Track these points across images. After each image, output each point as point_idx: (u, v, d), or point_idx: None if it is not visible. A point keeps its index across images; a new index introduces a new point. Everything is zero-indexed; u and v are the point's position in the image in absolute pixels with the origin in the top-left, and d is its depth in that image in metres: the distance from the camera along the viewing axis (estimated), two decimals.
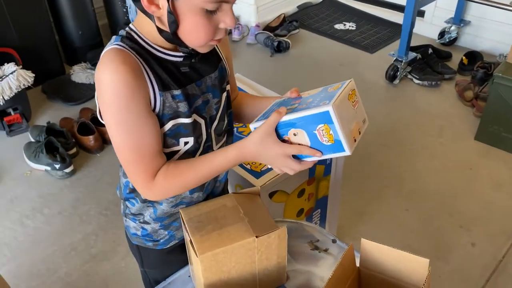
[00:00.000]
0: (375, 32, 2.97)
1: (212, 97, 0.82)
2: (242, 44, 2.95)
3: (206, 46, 0.74)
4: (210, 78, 0.81)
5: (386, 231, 1.68)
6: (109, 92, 0.70)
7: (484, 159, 1.98)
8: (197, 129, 0.80)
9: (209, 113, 0.82)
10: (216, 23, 0.70)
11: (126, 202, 0.89)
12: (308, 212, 1.33)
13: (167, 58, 0.75)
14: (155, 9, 0.68)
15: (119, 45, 0.72)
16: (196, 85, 0.78)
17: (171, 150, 0.80)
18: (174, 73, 0.76)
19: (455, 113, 2.26)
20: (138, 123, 0.72)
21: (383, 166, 1.96)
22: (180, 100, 0.76)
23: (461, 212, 1.74)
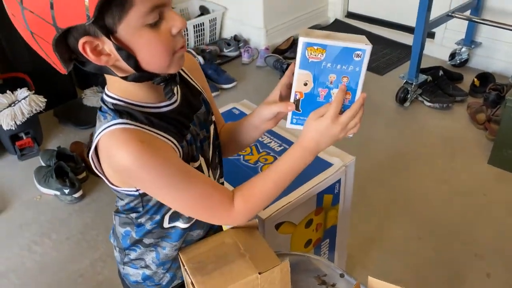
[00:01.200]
0: (385, 54, 2.97)
1: (205, 132, 0.81)
2: (252, 67, 2.96)
3: (174, 62, 0.68)
4: (200, 114, 0.80)
5: (398, 259, 1.64)
6: (144, 171, 0.67)
7: (498, 184, 1.93)
8: (202, 169, 0.80)
9: (207, 150, 0.82)
10: (167, 32, 0.64)
11: (126, 251, 0.88)
12: (316, 243, 1.30)
13: (162, 111, 0.73)
14: (107, 58, 0.64)
15: (120, 123, 0.68)
16: (193, 125, 0.78)
17: None
18: (177, 120, 0.75)
19: (467, 136, 2.23)
20: (186, 176, 0.71)
21: (394, 191, 1.93)
22: (192, 143, 0.76)
23: (475, 240, 1.69)
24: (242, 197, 0.76)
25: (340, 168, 1.23)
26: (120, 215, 0.83)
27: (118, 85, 0.70)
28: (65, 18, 0.58)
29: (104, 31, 0.60)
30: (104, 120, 0.69)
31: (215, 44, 3.10)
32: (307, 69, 0.74)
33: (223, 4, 3.17)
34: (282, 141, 1.34)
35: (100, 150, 0.70)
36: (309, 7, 3.25)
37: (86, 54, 0.62)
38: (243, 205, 0.76)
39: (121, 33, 0.62)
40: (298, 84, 0.76)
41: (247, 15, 3.07)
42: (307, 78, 0.75)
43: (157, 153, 0.68)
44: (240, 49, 3.05)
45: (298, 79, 0.75)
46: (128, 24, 0.61)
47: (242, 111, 1.50)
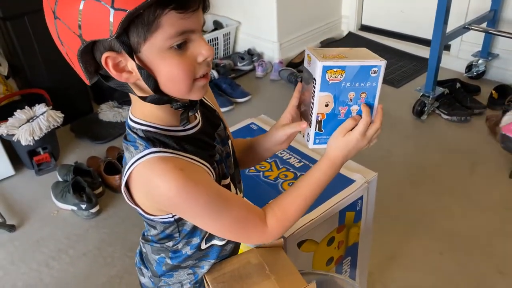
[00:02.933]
0: (400, 66, 2.95)
1: (228, 148, 0.83)
2: (266, 81, 2.96)
3: (195, 89, 0.67)
4: (220, 131, 0.81)
5: (419, 276, 1.60)
6: (188, 200, 0.67)
7: None
8: (230, 186, 0.80)
9: (231, 166, 0.83)
10: (192, 58, 0.64)
11: (162, 277, 0.87)
12: (338, 261, 1.27)
13: (189, 134, 0.74)
14: (128, 75, 0.64)
15: (155, 152, 0.67)
16: (217, 143, 0.79)
17: None
18: (204, 141, 0.75)
19: (487, 149, 2.19)
20: (223, 199, 0.72)
21: (414, 206, 1.89)
22: (220, 163, 0.76)
23: (498, 256, 1.64)
24: (274, 215, 0.77)
25: (363, 184, 1.20)
26: (153, 245, 0.82)
27: (143, 109, 0.70)
28: (90, 31, 0.59)
29: (127, 48, 0.61)
30: (135, 150, 0.68)
31: (229, 58, 3.12)
32: (327, 91, 0.76)
33: (237, 19, 3.19)
34: (302, 157, 1.32)
35: (135, 180, 0.69)
36: (322, 20, 3.26)
37: (108, 69, 0.63)
38: (276, 223, 0.76)
39: (145, 53, 0.62)
40: (320, 106, 0.78)
41: (261, 29, 3.09)
42: (328, 99, 0.77)
43: (198, 181, 0.68)
44: (254, 63, 3.06)
45: (319, 102, 0.77)
46: (153, 44, 0.61)
47: (260, 126, 1.49)
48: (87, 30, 0.59)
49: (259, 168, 1.29)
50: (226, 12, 3.23)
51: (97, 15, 0.57)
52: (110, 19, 0.56)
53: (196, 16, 0.62)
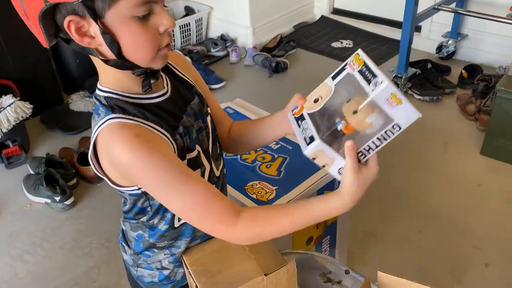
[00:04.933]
0: (373, 48, 2.97)
1: (202, 123, 0.80)
2: (240, 66, 2.94)
3: (158, 59, 0.68)
4: (194, 105, 0.79)
5: (398, 253, 1.63)
6: (140, 168, 0.66)
7: (492, 174, 1.94)
8: (199, 160, 0.78)
9: (204, 140, 0.80)
10: (154, 28, 0.65)
11: (140, 254, 0.85)
12: (317, 240, 1.28)
13: (154, 102, 0.73)
14: (90, 40, 0.64)
15: (113, 118, 0.67)
16: (187, 116, 0.76)
17: None
18: (169, 112, 0.73)
19: (458, 128, 2.24)
20: (184, 175, 0.68)
21: (391, 185, 1.92)
22: (185, 134, 0.74)
23: (473, 231, 1.69)
24: (251, 220, 0.71)
25: None
26: (130, 221, 0.81)
27: (107, 77, 0.70)
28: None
29: (92, 13, 0.61)
30: (98, 118, 0.69)
31: (202, 44, 3.07)
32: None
33: (208, 4, 3.14)
34: (280, 139, 1.32)
35: (99, 148, 0.69)
36: (295, 4, 3.24)
37: (70, 33, 0.63)
38: (247, 229, 0.71)
39: (109, 19, 0.62)
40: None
41: (233, 15, 3.05)
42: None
43: (154, 148, 0.66)
44: (228, 49, 3.02)
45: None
46: (117, 11, 0.62)
47: (236, 110, 1.48)
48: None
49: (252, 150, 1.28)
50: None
51: None
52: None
53: None
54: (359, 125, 0.65)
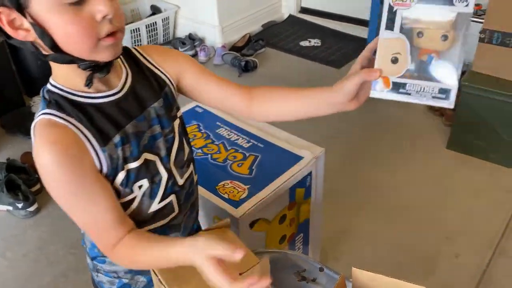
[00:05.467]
0: (340, 47, 3.00)
1: (162, 128, 0.74)
2: (209, 66, 2.90)
3: (100, 50, 0.63)
4: (154, 108, 0.73)
5: (370, 248, 1.64)
6: (49, 178, 0.65)
7: (459, 168, 1.99)
8: (151, 168, 0.73)
9: (162, 147, 0.75)
10: (89, 16, 0.60)
11: (95, 261, 0.82)
12: (290, 238, 1.27)
13: (100, 102, 0.68)
14: (25, 34, 0.61)
15: (46, 113, 0.64)
16: (138, 121, 0.71)
17: (124, 200, 0.72)
18: (112, 115, 0.68)
19: (426, 123, 2.28)
20: (89, 199, 0.67)
21: (361, 181, 1.94)
22: (124, 144, 0.69)
23: (443, 223, 1.73)
24: (128, 245, 0.70)
25: (311, 160, 1.21)
26: None
27: (55, 70, 0.67)
28: None
29: (15, 3, 0.57)
30: (37, 112, 0.67)
31: (169, 43, 3.02)
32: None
33: (175, 3, 3.09)
34: (250, 137, 1.30)
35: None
36: (263, 3, 3.24)
37: (2, 25, 0.60)
38: (124, 251, 0.70)
39: (36, 8, 0.58)
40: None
41: (201, 13, 3.01)
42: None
43: (65, 161, 0.63)
44: (196, 48, 2.98)
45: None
46: (43, 2, 0.58)
47: (206, 109, 1.45)
48: None
49: (207, 151, 1.26)
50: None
51: None
52: None
53: None
54: (451, 45, 0.61)
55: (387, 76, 0.64)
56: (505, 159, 1.94)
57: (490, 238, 1.65)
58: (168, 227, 0.80)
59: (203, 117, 1.41)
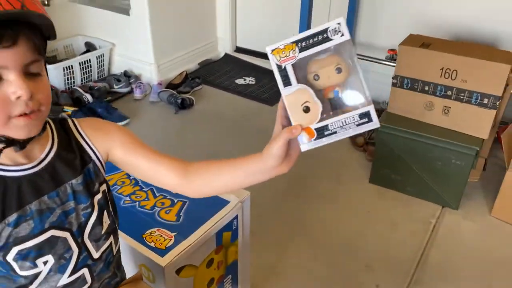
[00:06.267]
0: (274, 85, 3.15)
1: (77, 203, 0.76)
2: (145, 103, 2.93)
3: (12, 127, 0.64)
4: (70, 184, 0.75)
5: (298, 283, 1.72)
6: None
7: (379, 200, 2.15)
8: (59, 245, 0.74)
9: (75, 222, 0.76)
10: (5, 95, 0.62)
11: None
12: (219, 280, 1.32)
13: (12, 175, 0.69)
14: None
15: None
16: (49, 197, 0.72)
17: (28, 274, 0.73)
18: (19, 191, 0.69)
19: (349, 158, 2.45)
20: None
21: (289, 216, 2.03)
22: (21, 222, 0.69)
23: (364, 254, 1.85)
24: None
25: (237, 204, 1.27)
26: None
27: None
28: None
29: None
30: None
31: (104, 80, 3.01)
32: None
33: (110, 40, 3.11)
34: None
35: None
36: (199, 42, 3.34)
37: None
38: None
39: None
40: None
41: (137, 51, 3.05)
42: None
43: None
44: (132, 85, 3.00)
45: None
46: None
47: None
48: None
49: (135, 198, 1.28)
50: (98, 34, 3.13)
51: None
52: None
53: (9, 53, 0.60)
54: (347, 73, 0.65)
55: (308, 126, 0.66)
56: (419, 192, 2.13)
57: (406, 266, 1.79)
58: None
59: None
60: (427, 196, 2.11)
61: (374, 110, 0.65)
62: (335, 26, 0.63)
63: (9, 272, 0.72)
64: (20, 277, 0.73)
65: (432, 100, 2.00)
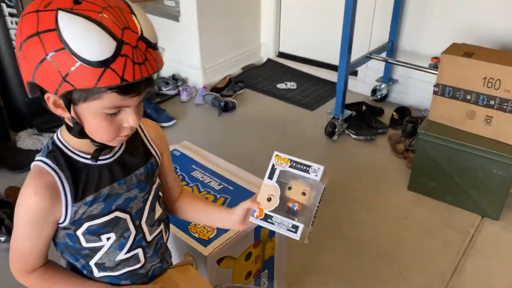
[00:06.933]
0: (314, 90, 3.20)
1: (140, 191, 0.89)
2: (191, 105, 3.07)
3: (114, 142, 0.80)
4: (136, 175, 0.88)
5: (332, 282, 1.77)
6: (23, 211, 0.81)
7: (417, 208, 2.16)
8: (121, 225, 0.87)
9: (135, 207, 0.89)
10: (119, 123, 0.76)
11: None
12: (256, 274, 1.39)
13: (91, 163, 0.83)
14: (62, 112, 0.76)
15: (43, 161, 0.80)
16: (119, 184, 0.85)
17: (93, 245, 0.86)
18: (97, 176, 0.83)
19: (389, 165, 2.46)
20: (35, 237, 0.83)
21: (326, 219, 2.08)
22: (95, 202, 0.83)
23: (400, 260, 1.87)
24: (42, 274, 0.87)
25: None
26: None
27: (68, 134, 0.81)
28: (41, 80, 0.71)
29: (66, 102, 0.72)
30: (41, 152, 0.83)
31: (153, 83, 3.18)
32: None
33: (160, 45, 3.25)
34: (222, 180, 1.44)
35: None
36: (243, 47, 3.45)
37: (48, 104, 0.75)
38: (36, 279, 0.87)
39: (81, 108, 0.74)
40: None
41: (185, 56, 3.20)
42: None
43: (39, 212, 0.80)
44: (179, 88, 3.15)
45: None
46: (89, 106, 0.73)
47: (183, 152, 1.59)
48: (39, 77, 0.70)
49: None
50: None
51: (50, 75, 0.68)
52: (57, 86, 0.68)
53: (134, 98, 0.74)
54: (308, 200, 0.87)
55: (262, 208, 0.88)
56: (458, 201, 2.12)
57: (442, 275, 1.79)
58: (133, 274, 0.93)
59: (180, 160, 1.55)
60: (466, 206, 2.10)
61: (302, 229, 0.87)
62: (316, 168, 0.85)
63: (75, 244, 0.86)
64: (85, 249, 0.86)
65: (474, 109, 1.99)
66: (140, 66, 0.69)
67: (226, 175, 1.47)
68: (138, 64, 0.69)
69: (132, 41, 0.69)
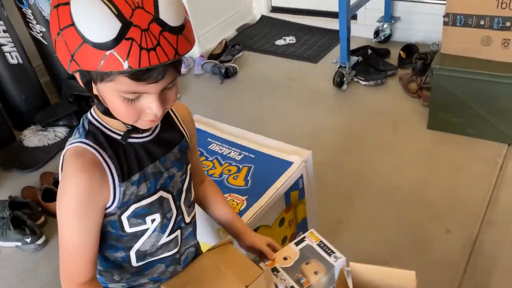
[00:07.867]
0: (315, 41, 3.08)
1: (177, 170, 0.85)
2: (190, 76, 2.97)
3: (139, 123, 0.74)
4: (174, 153, 0.85)
5: (365, 234, 1.74)
6: (69, 198, 0.74)
7: (440, 146, 2.10)
8: (165, 205, 0.83)
9: (175, 187, 0.86)
10: (140, 108, 0.71)
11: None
12: (291, 238, 1.36)
13: (131, 141, 0.79)
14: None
15: (82, 142, 0.75)
16: (160, 162, 0.82)
17: (137, 229, 0.82)
18: (139, 155, 0.79)
19: (404, 106, 2.38)
20: (86, 225, 0.76)
21: (349, 171, 2.03)
22: (141, 182, 0.79)
23: (431, 201, 1.83)
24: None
25: (300, 164, 1.29)
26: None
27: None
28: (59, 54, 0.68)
29: (85, 80, 0.70)
30: (73, 136, 0.78)
31: None
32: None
33: None
34: (241, 149, 1.38)
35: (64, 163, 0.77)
36: (234, 8, 3.30)
37: (79, 80, 0.72)
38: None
39: (100, 86, 0.69)
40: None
41: None
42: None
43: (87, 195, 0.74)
44: None
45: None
46: (106, 87, 0.68)
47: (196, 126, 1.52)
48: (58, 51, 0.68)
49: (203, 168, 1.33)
50: None
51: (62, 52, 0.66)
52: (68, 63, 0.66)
53: (153, 85, 0.67)
54: (317, 281, 0.90)
55: (274, 262, 0.95)
56: (482, 133, 2.05)
57: (475, 209, 1.75)
58: (170, 260, 0.90)
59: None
60: (490, 136, 2.03)
61: None
62: (339, 255, 0.95)
63: (118, 232, 0.81)
64: (128, 235, 0.81)
65: (489, 34, 1.89)
66: (148, 52, 0.62)
67: (244, 143, 1.41)
68: (147, 49, 0.62)
69: (143, 23, 0.61)
